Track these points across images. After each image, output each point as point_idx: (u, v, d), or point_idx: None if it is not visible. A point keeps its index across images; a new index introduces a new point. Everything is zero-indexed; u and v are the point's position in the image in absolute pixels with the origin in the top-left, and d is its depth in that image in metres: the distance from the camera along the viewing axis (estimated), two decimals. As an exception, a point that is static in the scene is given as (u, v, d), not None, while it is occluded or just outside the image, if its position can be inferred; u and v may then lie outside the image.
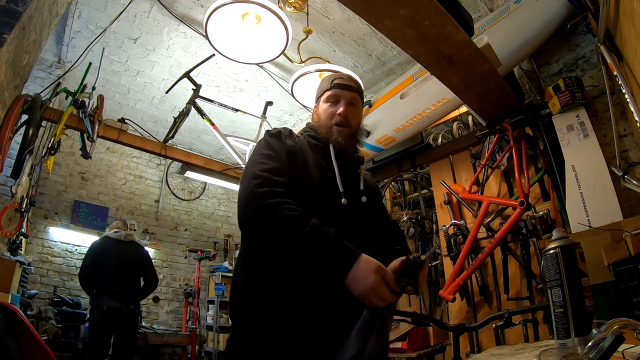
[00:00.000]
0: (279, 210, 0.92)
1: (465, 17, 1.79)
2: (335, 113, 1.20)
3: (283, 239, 0.92)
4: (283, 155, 1.08)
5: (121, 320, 3.22)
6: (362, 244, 0.94)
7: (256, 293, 1.01)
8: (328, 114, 1.21)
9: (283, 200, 0.95)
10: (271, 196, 0.94)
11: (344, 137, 1.18)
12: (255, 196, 0.95)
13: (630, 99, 1.51)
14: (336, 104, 1.21)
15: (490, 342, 2.26)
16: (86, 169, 4.71)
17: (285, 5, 2.50)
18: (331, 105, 1.22)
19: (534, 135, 2.45)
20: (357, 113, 1.24)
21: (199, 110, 3.05)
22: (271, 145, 1.10)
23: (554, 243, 0.89)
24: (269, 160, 1.05)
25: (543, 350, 0.84)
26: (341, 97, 1.22)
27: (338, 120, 1.19)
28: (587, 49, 2.36)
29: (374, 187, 1.32)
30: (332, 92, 1.23)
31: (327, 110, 1.22)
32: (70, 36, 3.21)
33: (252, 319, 1.00)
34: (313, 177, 1.10)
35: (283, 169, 1.03)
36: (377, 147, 3.04)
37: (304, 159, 1.12)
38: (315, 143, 1.20)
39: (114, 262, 3.28)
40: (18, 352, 1.85)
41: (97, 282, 3.23)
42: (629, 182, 1.81)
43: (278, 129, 1.18)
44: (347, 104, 1.21)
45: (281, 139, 1.13)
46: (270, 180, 0.98)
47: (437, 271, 3.06)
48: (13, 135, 2.39)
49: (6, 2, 1.75)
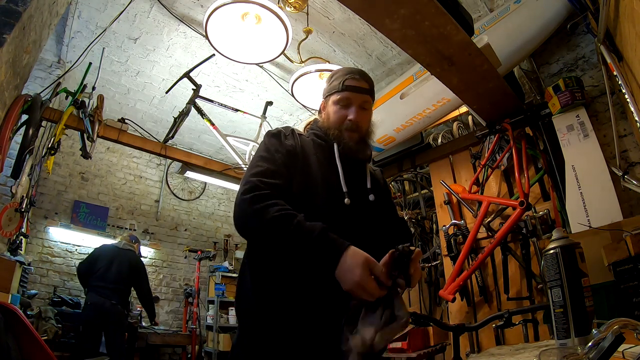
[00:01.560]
0: (263, 215, 0.93)
1: (465, 17, 1.79)
2: (346, 118, 1.15)
3: (271, 240, 0.94)
4: (279, 156, 1.07)
5: (104, 315, 3.35)
6: (366, 244, 0.93)
7: (263, 291, 1.01)
8: (338, 117, 1.17)
9: (269, 203, 0.95)
10: (256, 201, 0.95)
11: (354, 141, 1.16)
12: (240, 203, 0.98)
13: (630, 99, 1.51)
14: (347, 107, 1.17)
15: (490, 342, 2.26)
16: (86, 169, 4.71)
17: (285, 5, 2.50)
18: (341, 108, 1.17)
19: (534, 135, 2.45)
20: (368, 116, 1.20)
21: (199, 110, 3.05)
22: (267, 147, 1.10)
23: (554, 243, 0.89)
24: (263, 162, 1.06)
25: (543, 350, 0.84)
26: (352, 101, 1.16)
27: (349, 126, 1.15)
28: (587, 49, 2.36)
29: (382, 184, 1.29)
30: (343, 95, 1.17)
31: (336, 113, 1.18)
32: (70, 36, 3.21)
33: (259, 317, 1.00)
34: (315, 177, 1.08)
35: (276, 171, 1.04)
36: (377, 147, 3.05)
37: (306, 159, 1.10)
38: (320, 142, 1.18)
39: (105, 263, 3.55)
40: (18, 352, 1.85)
41: (89, 280, 3.49)
42: (629, 182, 1.81)
43: (279, 128, 1.17)
44: (358, 109, 1.16)
45: (280, 139, 1.12)
46: (257, 185, 0.99)
47: (437, 271, 3.06)
48: (13, 135, 2.39)
49: (6, 2, 1.75)
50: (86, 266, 3.57)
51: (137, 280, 3.75)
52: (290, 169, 1.07)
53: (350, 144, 1.15)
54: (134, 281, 3.72)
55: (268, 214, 0.93)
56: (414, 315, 1.68)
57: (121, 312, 3.52)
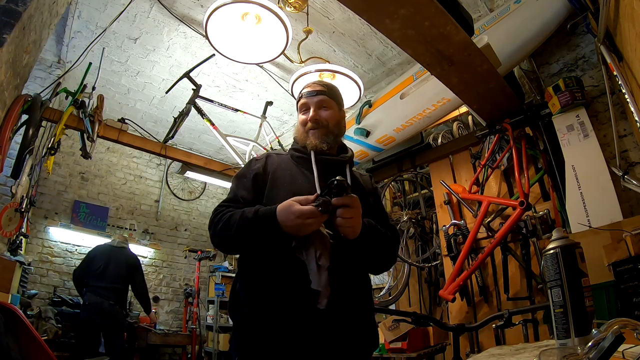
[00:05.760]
0: (222, 222, 1.09)
1: (465, 17, 1.79)
2: (307, 120, 1.26)
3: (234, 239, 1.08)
4: (245, 182, 1.21)
5: (102, 315, 3.35)
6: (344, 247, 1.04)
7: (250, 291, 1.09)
8: (301, 122, 1.29)
9: (226, 212, 1.10)
10: (214, 222, 1.11)
11: (319, 138, 1.23)
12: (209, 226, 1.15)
13: (630, 99, 1.51)
14: (307, 112, 1.28)
15: (490, 342, 2.26)
16: (86, 169, 4.71)
17: (285, 5, 2.50)
18: (303, 113, 1.29)
19: (534, 135, 2.45)
20: (329, 114, 1.27)
21: (199, 110, 3.05)
22: (237, 177, 1.26)
23: (554, 243, 0.89)
24: (230, 192, 1.24)
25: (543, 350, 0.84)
26: (309, 104, 1.28)
27: (310, 125, 1.25)
28: (587, 49, 2.36)
29: (370, 188, 1.31)
30: (302, 102, 1.30)
31: (300, 119, 1.30)
32: (70, 36, 3.21)
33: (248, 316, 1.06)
34: (283, 190, 1.15)
35: (237, 198, 1.18)
36: (377, 147, 3.05)
37: (275, 176, 1.20)
38: (298, 155, 1.27)
39: (102, 262, 3.56)
40: (18, 352, 1.84)
41: (86, 280, 3.49)
42: (629, 182, 1.81)
43: (254, 157, 1.30)
44: (315, 109, 1.26)
45: (250, 166, 1.26)
46: (220, 206, 1.16)
47: (437, 271, 3.06)
48: (13, 135, 2.39)
49: (6, 2, 1.75)
50: (82, 269, 3.58)
51: (134, 277, 3.75)
52: (258, 186, 1.19)
53: (316, 142, 1.23)
54: (131, 278, 3.72)
55: (218, 223, 1.09)
56: (414, 315, 1.68)
57: (119, 312, 3.53)
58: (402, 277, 3.31)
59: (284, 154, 1.31)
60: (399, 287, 3.29)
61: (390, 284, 3.42)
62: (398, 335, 2.61)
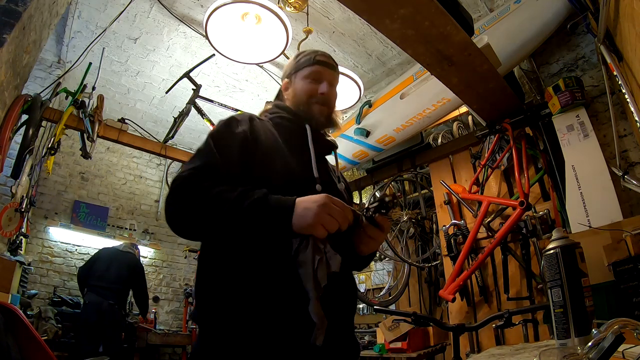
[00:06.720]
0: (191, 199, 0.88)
1: (465, 17, 1.79)
2: (317, 92, 1.09)
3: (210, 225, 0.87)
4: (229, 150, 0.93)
5: (100, 315, 3.37)
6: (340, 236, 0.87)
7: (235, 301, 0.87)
8: (308, 90, 1.10)
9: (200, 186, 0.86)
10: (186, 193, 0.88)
11: (325, 116, 1.10)
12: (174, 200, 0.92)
13: (630, 99, 1.51)
14: (318, 82, 1.10)
15: (490, 342, 2.26)
16: (86, 169, 4.71)
17: (285, 5, 2.50)
18: (312, 82, 1.10)
19: (534, 135, 2.45)
20: (336, 95, 1.16)
21: (199, 110, 3.05)
22: (213, 138, 0.96)
23: (554, 243, 0.89)
24: (201, 156, 0.93)
25: (543, 350, 0.84)
26: (324, 76, 1.11)
27: (320, 99, 1.09)
28: (587, 49, 2.36)
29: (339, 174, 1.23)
30: (314, 69, 1.11)
31: (305, 87, 1.10)
32: (70, 36, 3.21)
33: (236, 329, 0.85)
34: (277, 164, 0.96)
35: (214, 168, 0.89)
36: (377, 147, 3.04)
37: (265, 149, 0.96)
38: (288, 125, 1.07)
39: (105, 264, 3.60)
40: (18, 352, 1.85)
41: (88, 280, 3.52)
42: (629, 182, 1.81)
43: (233, 116, 1.03)
44: (329, 84, 1.11)
45: (230, 127, 0.98)
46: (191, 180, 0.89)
47: (437, 271, 3.06)
48: (13, 135, 2.39)
49: (6, 2, 1.75)
50: (85, 269, 3.62)
51: (136, 282, 3.78)
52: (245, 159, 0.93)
53: (321, 119, 1.09)
54: (132, 282, 3.74)
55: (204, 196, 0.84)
56: (414, 315, 1.68)
57: (118, 312, 3.53)
58: (402, 277, 3.32)
59: (264, 120, 1.08)
60: (399, 287, 3.30)
61: (390, 284, 3.43)
62: (398, 335, 2.61)
